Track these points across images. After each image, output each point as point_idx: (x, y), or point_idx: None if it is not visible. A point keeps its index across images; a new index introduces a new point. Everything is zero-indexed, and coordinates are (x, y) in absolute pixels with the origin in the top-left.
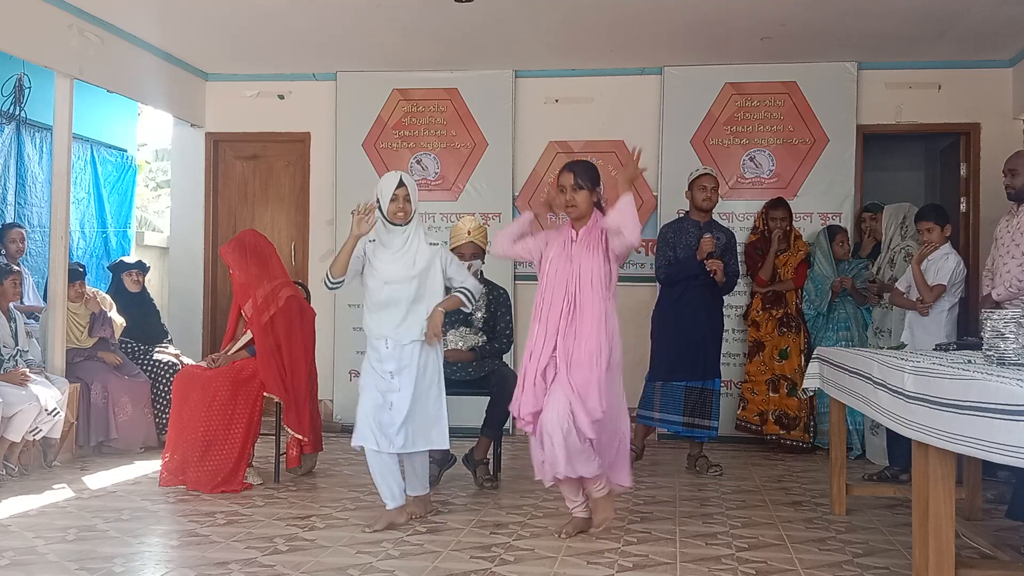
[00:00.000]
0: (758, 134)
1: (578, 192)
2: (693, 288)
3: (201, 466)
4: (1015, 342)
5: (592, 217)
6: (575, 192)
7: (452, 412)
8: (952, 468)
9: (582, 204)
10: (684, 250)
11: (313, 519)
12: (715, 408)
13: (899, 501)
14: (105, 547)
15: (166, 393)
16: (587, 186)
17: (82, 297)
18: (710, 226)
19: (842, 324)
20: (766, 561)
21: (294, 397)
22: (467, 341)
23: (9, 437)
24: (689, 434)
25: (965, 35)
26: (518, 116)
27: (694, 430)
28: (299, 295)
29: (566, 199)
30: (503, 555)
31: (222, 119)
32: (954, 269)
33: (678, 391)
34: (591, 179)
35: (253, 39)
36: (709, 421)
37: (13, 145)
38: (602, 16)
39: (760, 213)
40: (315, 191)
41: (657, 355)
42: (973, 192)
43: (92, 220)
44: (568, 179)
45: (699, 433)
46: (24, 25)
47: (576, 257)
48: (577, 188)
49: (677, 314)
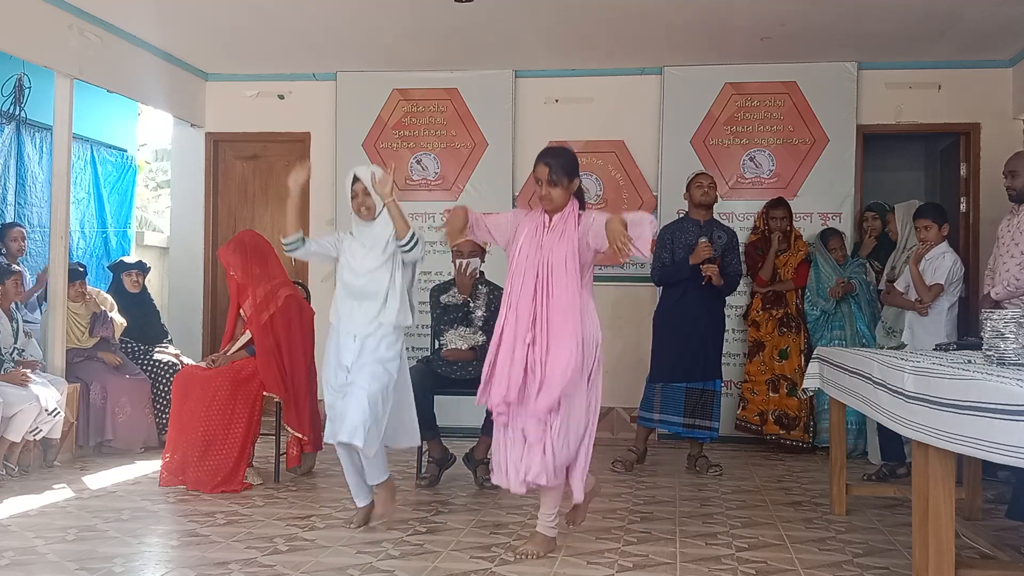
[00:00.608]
0: (758, 134)
1: (553, 188)
2: (693, 289)
3: (201, 466)
4: (1015, 342)
5: (569, 206)
6: (551, 188)
7: (452, 412)
8: (952, 468)
9: (558, 199)
10: (683, 249)
11: (313, 519)
12: (715, 409)
13: (899, 501)
14: (105, 547)
15: (166, 393)
16: (562, 182)
17: (83, 297)
18: (711, 225)
19: (836, 324)
20: (766, 561)
21: (294, 396)
22: (467, 340)
23: (9, 437)
24: (690, 435)
25: (965, 35)
26: (518, 116)
27: (695, 431)
28: (298, 295)
29: (541, 193)
30: (503, 555)
31: (222, 119)
32: (951, 268)
33: (679, 392)
34: (567, 172)
35: (253, 39)
36: (710, 422)
37: (13, 145)
38: (602, 16)
39: (760, 213)
40: (315, 191)
41: (657, 357)
42: (973, 192)
43: (92, 220)
44: (543, 172)
45: (700, 434)
46: (24, 25)
47: (547, 245)
48: (552, 184)
49: (678, 316)
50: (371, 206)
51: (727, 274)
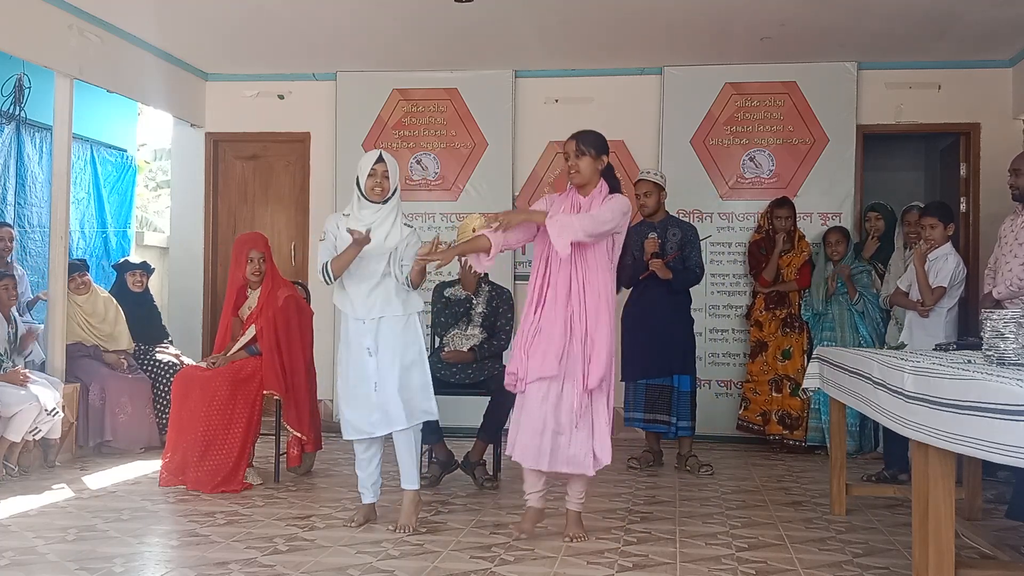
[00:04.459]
0: (758, 134)
1: (580, 158)
2: (653, 287)
3: (201, 466)
4: (1015, 342)
5: (599, 186)
6: (578, 158)
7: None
8: (952, 468)
9: (585, 170)
10: (640, 251)
11: (313, 519)
12: (679, 406)
13: (899, 501)
14: (105, 547)
15: (167, 393)
16: (590, 152)
17: (87, 288)
18: (666, 223)
19: (828, 324)
20: (766, 561)
21: (294, 395)
22: (467, 341)
23: (9, 437)
24: (650, 429)
25: (965, 35)
26: (518, 116)
27: (654, 425)
28: (298, 295)
29: (569, 165)
30: (503, 555)
31: (222, 119)
32: (954, 270)
33: (640, 388)
34: (595, 146)
35: (253, 39)
36: (668, 417)
37: (13, 145)
38: (602, 16)
39: (764, 212)
40: (315, 191)
41: (623, 355)
42: (973, 192)
43: (92, 220)
44: (571, 146)
45: (659, 428)
46: (24, 25)
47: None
48: (579, 154)
49: (639, 314)
50: (387, 188)
51: (686, 268)
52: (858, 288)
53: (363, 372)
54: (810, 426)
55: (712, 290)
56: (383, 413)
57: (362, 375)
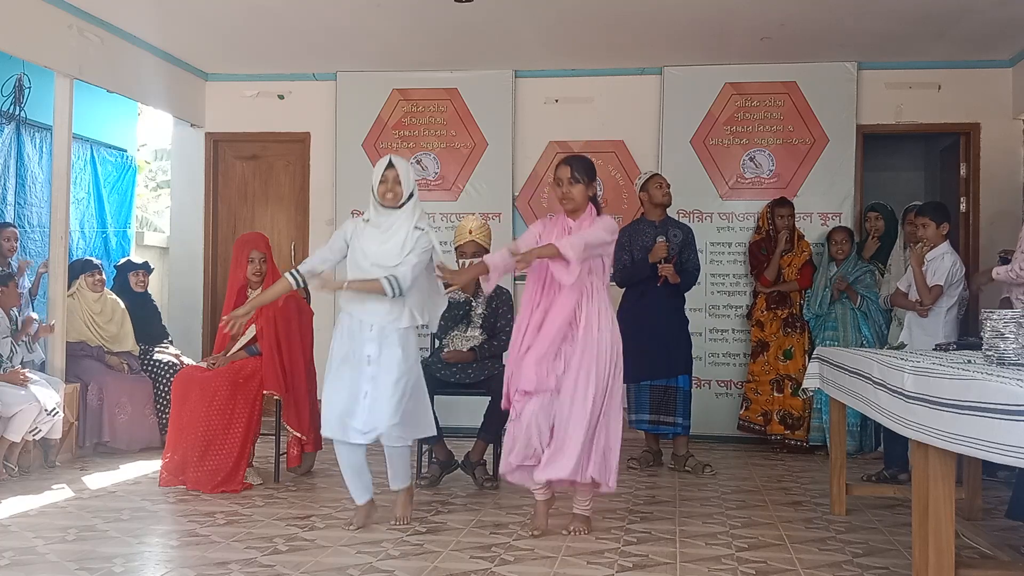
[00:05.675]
0: (758, 134)
1: (574, 186)
2: (653, 288)
3: (201, 466)
4: (1015, 342)
5: (587, 210)
6: (571, 185)
7: (452, 413)
8: (952, 468)
9: (578, 197)
10: (641, 251)
11: (313, 519)
12: (681, 405)
13: (899, 501)
14: (105, 547)
15: (167, 393)
16: (583, 180)
17: (101, 287)
18: (666, 224)
19: (830, 324)
20: (766, 561)
21: (294, 395)
22: (468, 342)
23: (9, 437)
24: (656, 431)
25: (965, 35)
26: (518, 116)
27: (659, 427)
28: (297, 295)
29: (562, 192)
30: (503, 555)
31: (222, 119)
32: (950, 269)
33: (644, 390)
34: (587, 173)
35: (253, 39)
36: (674, 418)
37: (13, 145)
38: (602, 16)
39: (764, 212)
40: (315, 191)
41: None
42: (973, 192)
43: (92, 220)
44: (565, 172)
45: (665, 430)
46: (24, 25)
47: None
48: (573, 182)
49: (639, 315)
50: (399, 194)
51: (684, 270)
52: (861, 289)
53: (357, 377)
54: (812, 426)
55: (712, 290)
56: (364, 423)
57: (356, 380)
